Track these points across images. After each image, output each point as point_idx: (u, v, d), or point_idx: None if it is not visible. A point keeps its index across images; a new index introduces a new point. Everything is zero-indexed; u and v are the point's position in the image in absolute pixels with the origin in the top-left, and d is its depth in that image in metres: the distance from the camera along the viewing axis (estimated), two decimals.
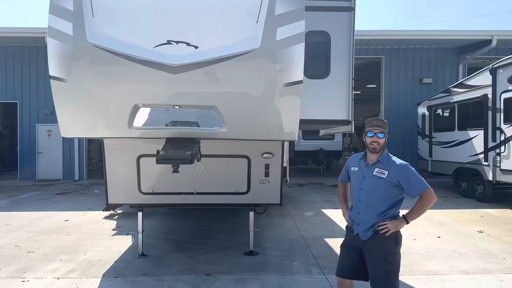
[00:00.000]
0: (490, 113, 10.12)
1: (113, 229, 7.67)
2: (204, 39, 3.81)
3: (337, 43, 5.27)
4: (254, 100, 4.04)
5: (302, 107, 4.22)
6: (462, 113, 11.74)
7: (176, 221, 8.34)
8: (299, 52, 3.95)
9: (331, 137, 17.88)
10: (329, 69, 5.33)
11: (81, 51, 3.80)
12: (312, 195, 11.80)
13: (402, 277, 5.07)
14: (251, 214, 6.06)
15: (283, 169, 6.03)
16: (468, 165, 11.25)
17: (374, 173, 3.32)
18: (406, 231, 7.36)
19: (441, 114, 13.22)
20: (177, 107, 4.09)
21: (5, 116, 21.63)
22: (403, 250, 6.19)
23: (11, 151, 19.88)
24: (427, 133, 13.68)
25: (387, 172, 3.28)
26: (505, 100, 9.63)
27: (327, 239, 6.90)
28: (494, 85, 9.97)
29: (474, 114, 11.05)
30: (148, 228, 6.92)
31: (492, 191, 10.55)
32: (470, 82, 11.34)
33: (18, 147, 16.24)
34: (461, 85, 11.92)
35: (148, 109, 4.37)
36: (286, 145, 6.13)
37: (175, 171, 4.44)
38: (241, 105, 4.08)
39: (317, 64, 5.35)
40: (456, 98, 11.96)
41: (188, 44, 3.77)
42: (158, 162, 4.32)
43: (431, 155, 13.38)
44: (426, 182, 3.27)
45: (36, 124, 16.00)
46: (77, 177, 16.17)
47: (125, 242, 6.69)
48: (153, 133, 4.51)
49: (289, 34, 3.88)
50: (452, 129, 12.13)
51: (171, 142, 4.49)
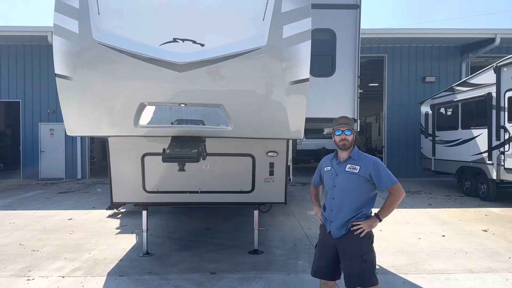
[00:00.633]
0: (494, 111, 10.09)
1: (116, 228, 7.67)
2: (210, 37, 3.80)
3: (342, 41, 5.26)
4: (260, 98, 4.03)
5: (307, 105, 4.21)
6: (466, 111, 11.70)
7: (179, 220, 8.33)
8: (305, 50, 3.94)
9: (331, 136, 17.81)
10: (334, 67, 5.32)
11: (87, 49, 3.80)
12: None
13: (408, 276, 5.08)
14: (256, 212, 6.04)
15: (288, 167, 6.01)
16: (471, 164, 11.22)
17: (346, 169, 3.36)
18: (410, 229, 7.43)
19: (444, 113, 13.18)
20: (183, 105, 4.09)
21: (7, 115, 21.64)
22: (408, 249, 6.25)
23: (13, 150, 19.89)
24: (430, 131, 13.64)
25: (358, 167, 3.33)
26: (510, 98, 9.58)
27: None
28: (498, 83, 9.94)
29: (478, 112, 11.02)
30: (152, 227, 6.91)
31: (496, 190, 10.52)
32: (474, 81, 11.30)
33: (21, 146, 16.25)
34: (464, 84, 11.89)
35: (153, 108, 4.36)
36: (291, 143, 6.11)
37: (181, 169, 4.43)
38: (247, 103, 4.08)
39: (322, 62, 5.34)
40: (459, 97, 11.91)
41: (194, 42, 3.76)
42: (164, 160, 4.31)
43: (434, 154, 13.35)
44: (394, 177, 3.34)
45: (39, 123, 16.00)
46: (79, 176, 16.17)
47: (129, 241, 6.69)
48: (159, 131, 4.50)
49: (296, 31, 3.87)
50: (456, 128, 12.09)
51: (176, 140, 4.48)
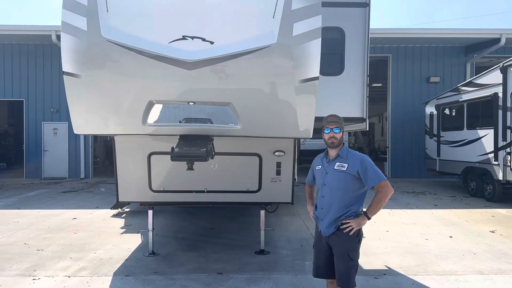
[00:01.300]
0: (500, 112, 10.03)
1: (121, 227, 7.63)
2: (219, 34, 3.75)
3: (351, 39, 5.21)
4: (270, 96, 3.99)
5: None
6: (471, 112, 11.64)
7: (184, 219, 8.29)
8: (315, 48, 3.89)
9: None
10: (343, 65, 5.27)
11: (95, 47, 3.75)
12: None
13: (417, 277, 5.03)
14: (262, 212, 6.00)
15: (295, 167, 5.97)
16: (477, 164, 11.15)
17: (335, 167, 3.39)
18: (417, 230, 7.37)
19: (449, 113, 13.12)
20: (191, 103, 4.04)
21: (11, 114, 21.66)
22: (416, 250, 6.20)
23: (17, 149, 19.90)
24: (435, 132, 13.58)
25: (346, 165, 3.35)
26: None
27: None
28: (504, 83, 9.87)
29: (484, 113, 10.95)
30: (157, 226, 6.87)
31: (502, 191, 10.45)
32: (479, 81, 11.23)
33: (24, 145, 16.25)
34: (470, 84, 11.82)
35: (161, 106, 4.32)
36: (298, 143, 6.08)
37: (190, 168, 4.39)
38: (256, 102, 4.03)
39: (331, 60, 5.29)
40: (465, 97, 11.85)
41: (204, 40, 3.72)
42: (173, 159, 4.27)
43: (439, 155, 13.28)
44: (382, 174, 3.34)
45: (42, 122, 16.00)
46: (82, 175, 16.15)
47: (134, 241, 6.65)
48: (167, 130, 4.45)
49: (306, 29, 3.82)
50: (461, 128, 12.03)
51: (185, 139, 4.44)
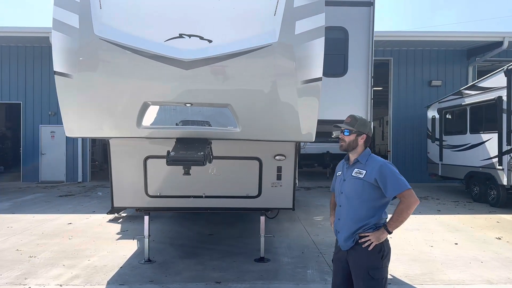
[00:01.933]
0: (504, 115, 9.85)
1: (117, 233, 7.43)
2: (218, 32, 3.59)
3: (355, 39, 5.03)
4: (271, 97, 3.81)
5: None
6: (475, 115, 11.46)
7: (182, 225, 8.09)
8: (319, 47, 3.73)
9: (337, 140, 17.57)
10: (346, 66, 5.09)
11: (87, 45, 3.59)
12: (320, 199, 11.54)
13: (423, 287, 4.82)
14: (262, 219, 5.80)
15: (296, 172, 5.78)
16: (481, 169, 10.96)
17: (352, 174, 3.07)
18: (421, 237, 7.18)
19: (452, 117, 12.94)
20: (189, 105, 3.86)
21: (8, 117, 21.46)
22: (420, 257, 6.00)
23: (14, 152, 19.70)
24: (437, 136, 13.39)
25: (364, 172, 3.01)
26: None
27: None
28: (509, 87, 9.71)
29: (488, 116, 10.77)
30: (153, 232, 6.66)
31: (506, 196, 10.26)
32: (483, 84, 11.06)
33: (21, 148, 16.06)
34: (473, 87, 11.65)
35: (157, 108, 4.14)
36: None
37: (187, 173, 4.19)
38: (256, 103, 3.85)
39: (334, 61, 5.11)
40: (468, 101, 11.68)
41: (202, 38, 3.55)
42: (168, 163, 4.07)
43: (441, 159, 13.09)
44: (406, 182, 2.94)
45: (40, 125, 15.81)
46: (80, 179, 15.94)
47: (130, 247, 6.45)
48: (163, 132, 4.27)
49: (309, 27, 3.66)
50: (464, 132, 11.85)
51: (181, 142, 4.25)
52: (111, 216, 8.68)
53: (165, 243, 6.73)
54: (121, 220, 8.53)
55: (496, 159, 10.22)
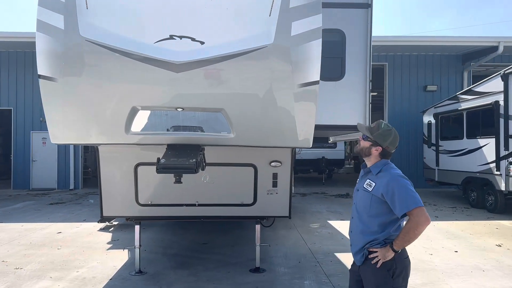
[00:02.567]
0: (502, 120, 9.75)
1: (108, 243, 7.20)
2: (211, 34, 3.41)
3: (352, 42, 4.88)
4: (266, 102, 3.63)
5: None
6: (472, 120, 11.36)
7: (174, 234, 7.87)
8: (316, 49, 3.57)
9: (333, 145, 17.46)
10: (344, 70, 4.94)
11: (73, 47, 3.40)
12: (316, 206, 11.35)
13: None
14: (258, 227, 5.61)
15: (292, 178, 5.60)
16: (478, 174, 10.85)
17: (364, 185, 2.86)
18: (420, 244, 7.01)
19: (448, 122, 12.84)
20: (180, 109, 3.67)
21: None
22: (420, 266, 5.83)
23: (4, 159, 19.35)
24: (433, 141, 13.28)
25: (374, 184, 2.79)
26: None
27: (337, 254, 6.44)
28: (506, 91, 9.62)
29: (485, 121, 10.68)
30: (144, 241, 6.46)
31: (504, 202, 10.14)
32: (479, 89, 10.98)
33: (12, 155, 15.77)
34: (469, 92, 11.57)
35: (147, 113, 3.95)
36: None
37: (178, 181, 3.99)
38: (251, 108, 3.68)
39: (330, 65, 4.96)
40: (464, 105, 11.59)
41: (193, 39, 3.37)
42: (158, 171, 3.88)
43: (438, 164, 12.98)
44: (417, 198, 2.64)
45: (31, 132, 15.54)
46: (72, 186, 15.67)
47: (120, 257, 6.22)
48: (153, 139, 4.08)
49: (305, 29, 3.50)
50: (461, 137, 11.75)
51: (173, 149, 4.06)
52: (102, 225, 8.45)
53: (157, 253, 6.51)
54: (112, 228, 8.30)
55: (493, 164, 10.10)
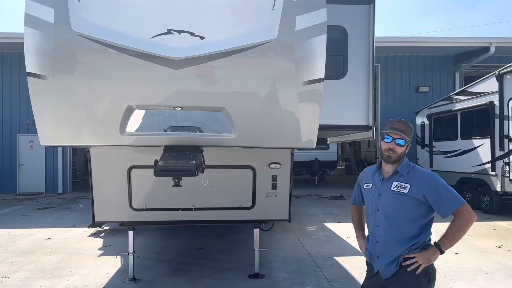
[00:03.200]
0: (497, 120, 9.70)
1: (99, 249, 6.94)
2: (211, 28, 3.23)
3: (354, 39, 4.73)
4: (269, 100, 3.46)
5: None
6: (466, 121, 11.32)
7: (168, 239, 7.64)
8: (321, 45, 3.42)
9: (325, 147, 17.34)
10: (346, 68, 4.78)
11: (64, 42, 3.19)
12: (311, 208, 11.20)
13: None
14: (256, 231, 5.42)
15: (292, 181, 5.43)
16: (473, 175, 10.80)
17: (392, 188, 2.61)
18: None
19: (442, 123, 12.80)
20: (178, 108, 3.48)
21: None
22: None
23: None
24: (427, 142, 13.25)
25: (408, 186, 2.56)
26: None
27: (337, 258, 6.28)
28: (501, 91, 9.57)
29: (479, 122, 10.64)
30: (138, 247, 6.22)
31: (500, 202, 10.10)
32: (474, 89, 10.94)
33: None
34: (464, 92, 11.54)
35: (143, 112, 3.76)
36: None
37: (177, 184, 3.79)
38: (253, 106, 3.50)
39: (332, 62, 4.80)
40: (458, 106, 11.55)
41: (193, 34, 3.19)
42: (156, 174, 3.66)
43: (431, 165, 12.93)
44: (460, 196, 2.54)
45: (18, 135, 15.16)
46: (60, 191, 15.31)
47: (113, 264, 5.98)
48: (149, 140, 3.87)
49: (310, 23, 3.34)
50: (455, 138, 11.71)
51: (170, 150, 3.85)
52: (93, 230, 8.18)
53: (151, 259, 6.29)
54: (103, 234, 8.04)
55: (489, 165, 10.06)
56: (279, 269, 5.76)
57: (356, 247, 6.91)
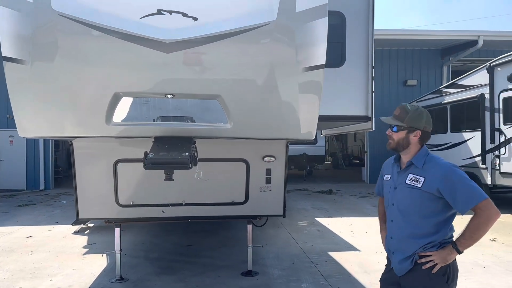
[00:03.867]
0: (487, 113, 9.66)
1: (84, 247, 6.64)
2: (205, 9, 2.98)
3: (353, 25, 4.53)
4: (267, 87, 3.23)
5: None
6: (455, 114, 11.27)
7: (157, 235, 7.38)
8: (322, 29, 3.20)
9: (313, 141, 17.23)
10: (344, 56, 4.58)
11: (44, 23, 2.90)
12: (301, 203, 11.04)
13: None
14: (250, 227, 5.21)
15: (287, 175, 5.22)
16: (463, 168, 10.73)
17: (407, 181, 2.42)
18: None
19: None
20: (170, 96, 3.22)
21: None
22: None
23: None
24: None
25: (422, 179, 2.37)
26: (505, 99, 9.16)
27: (331, 253, 6.11)
28: (491, 84, 9.51)
29: (469, 115, 10.58)
30: (125, 245, 5.95)
31: (490, 196, 10.05)
32: (464, 82, 10.88)
33: None
34: (453, 85, 11.48)
35: (131, 100, 3.49)
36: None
37: (169, 178, 3.54)
38: (251, 94, 3.27)
39: (330, 50, 4.57)
40: (448, 99, 11.49)
41: (185, 15, 2.93)
42: (147, 167, 3.40)
43: None
44: (480, 189, 2.32)
45: None
46: (42, 187, 14.84)
47: (99, 263, 5.71)
48: (138, 130, 3.60)
49: (311, 5, 3.12)
50: (444, 131, 11.66)
51: (161, 142, 3.59)
52: (77, 228, 7.84)
53: (138, 257, 6.02)
54: (88, 231, 7.73)
55: (479, 158, 10.01)
56: (273, 266, 5.56)
57: (349, 242, 6.77)
